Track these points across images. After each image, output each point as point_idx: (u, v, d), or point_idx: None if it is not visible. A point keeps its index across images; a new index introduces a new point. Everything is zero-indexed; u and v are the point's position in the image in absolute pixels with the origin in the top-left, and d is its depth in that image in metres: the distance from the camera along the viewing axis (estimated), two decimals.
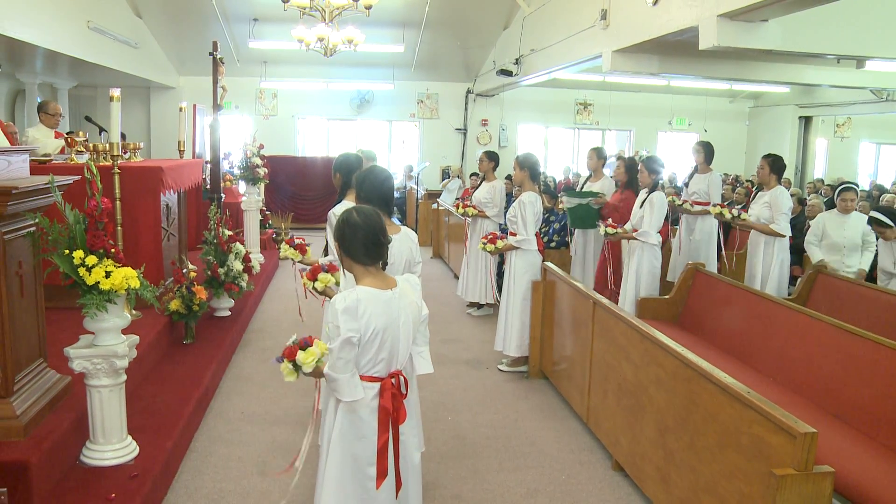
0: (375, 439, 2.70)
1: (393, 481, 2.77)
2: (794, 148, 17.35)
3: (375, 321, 2.62)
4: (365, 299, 2.61)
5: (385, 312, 2.65)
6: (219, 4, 12.75)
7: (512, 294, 6.03)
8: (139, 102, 16.13)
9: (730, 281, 5.74)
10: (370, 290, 2.65)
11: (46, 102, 7.64)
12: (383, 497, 2.75)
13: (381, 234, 2.72)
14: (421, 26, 13.79)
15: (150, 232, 5.79)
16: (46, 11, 9.16)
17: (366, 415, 2.70)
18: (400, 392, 2.75)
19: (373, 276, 2.72)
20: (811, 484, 2.70)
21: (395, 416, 2.72)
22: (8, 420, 3.38)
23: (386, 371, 2.73)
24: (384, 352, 2.69)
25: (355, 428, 2.71)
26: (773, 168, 6.50)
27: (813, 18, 7.25)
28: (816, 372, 4.40)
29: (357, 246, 2.69)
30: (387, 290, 2.69)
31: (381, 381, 2.72)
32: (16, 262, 3.45)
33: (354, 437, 2.72)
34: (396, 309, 2.70)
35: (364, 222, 2.70)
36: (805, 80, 11.26)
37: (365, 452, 2.72)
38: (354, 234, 2.69)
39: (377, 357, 2.68)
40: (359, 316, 2.59)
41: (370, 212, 2.76)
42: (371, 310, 2.61)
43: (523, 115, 17.48)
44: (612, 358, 4.47)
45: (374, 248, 2.71)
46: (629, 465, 4.17)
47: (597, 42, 9.10)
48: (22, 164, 3.69)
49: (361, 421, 2.70)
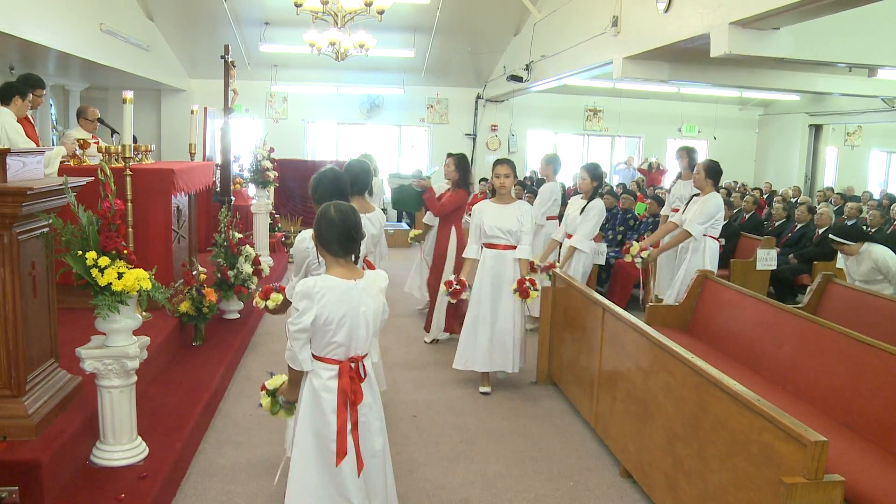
0: (335, 417, 2.90)
1: (355, 460, 2.95)
2: (803, 156, 17.30)
3: (331, 307, 2.83)
4: (323, 287, 2.84)
5: (344, 301, 2.86)
6: (230, 8, 12.81)
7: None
8: (150, 105, 16.19)
9: (739, 289, 5.72)
10: (332, 279, 2.88)
11: (85, 108, 7.66)
12: (346, 471, 2.93)
13: (354, 230, 2.94)
14: (432, 31, 13.82)
15: (160, 234, 5.81)
16: (59, 14, 9.22)
17: (326, 395, 2.91)
18: (358, 375, 2.95)
19: (342, 266, 2.95)
20: (821, 493, 2.70)
21: (352, 398, 2.92)
22: (20, 419, 3.40)
23: (345, 356, 2.93)
24: (341, 337, 2.88)
25: (318, 407, 2.92)
26: (709, 174, 6.43)
27: (825, 27, 7.23)
28: (826, 381, 4.38)
29: (332, 239, 2.92)
30: (349, 281, 2.90)
31: (340, 365, 2.92)
32: (29, 263, 3.48)
33: (317, 415, 2.92)
34: (357, 299, 2.90)
35: (340, 218, 2.92)
36: (816, 89, 11.22)
37: (327, 430, 2.91)
38: (330, 228, 2.92)
39: (335, 342, 2.89)
40: (315, 301, 2.81)
41: (347, 209, 2.98)
42: (329, 297, 2.83)
43: (533, 120, 17.47)
44: (620, 364, 4.47)
45: (347, 242, 2.93)
46: (637, 471, 4.16)
47: (607, 49, 9.10)
48: (36, 166, 3.72)
49: (323, 400, 2.91)
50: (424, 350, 6.83)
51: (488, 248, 5.59)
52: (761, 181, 16.91)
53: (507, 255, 5.54)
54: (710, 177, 6.41)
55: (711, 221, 6.40)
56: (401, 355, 6.63)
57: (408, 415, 5.24)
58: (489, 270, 5.56)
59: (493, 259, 5.56)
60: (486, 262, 5.59)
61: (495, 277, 5.54)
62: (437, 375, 6.06)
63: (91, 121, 7.44)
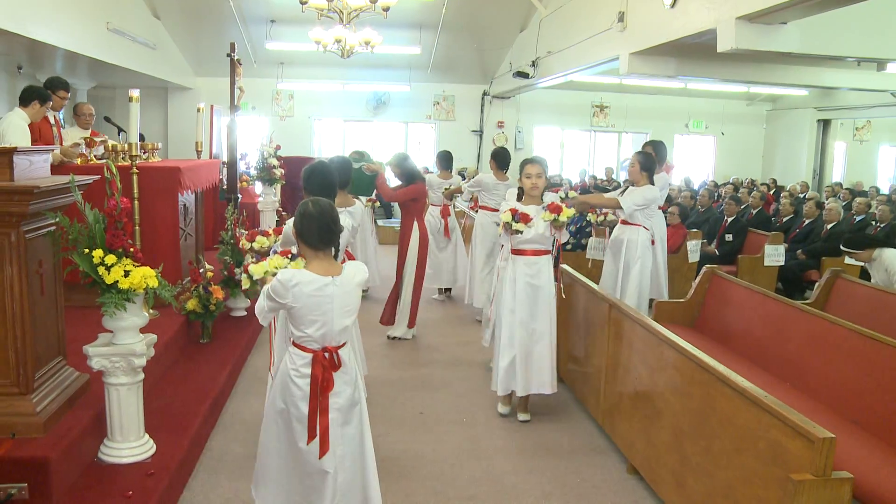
0: (306, 402, 3.05)
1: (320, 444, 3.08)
2: (812, 152, 17.21)
3: (305, 301, 2.97)
4: (300, 281, 2.96)
5: (317, 297, 2.99)
6: (236, 6, 12.82)
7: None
8: (157, 103, 16.22)
9: (747, 285, 5.70)
10: (309, 275, 2.99)
11: (78, 105, 7.70)
12: (310, 449, 3.06)
13: (332, 224, 3.07)
14: (438, 28, 13.80)
15: (167, 232, 5.82)
16: (66, 13, 9.24)
17: (299, 379, 3.05)
18: (332, 364, 3.07)
19: (320, 260, 3.07)
20: (829, 490, 2.69)
21: (323, 385, 3.04)
22: (28, 416, 3.42)
23: (319, 345, 3.06)
24: (313, 330, 3.02)
25: (289, 390, 3.07)
26: (644, 166, 6.15)
27: (832, 21, 7.18)
28: (835, 377, 4.36)
29: (312, 233, 3.04)
30: (326, 277, 3.01)
31: (314, 354, 3.05)
32: (36, 261, 3.49)
33: (288, 397, 3.08)
34: (331, 295, 3.01)
35: (318, 213, 3.05)
36: (824, 83, 11.15)
37: (296, 412, 3.06)
38: (310, 222, 3.04)
39: (308, 334, 3.03)
40: (289, 290, 2.94)
41: (325, 204, 3.11)
42: (303, 290, 2.96)
43: (539, 117, 17.44)
44: (627, 361, 4.46)
45: (326, 235, 3.06)
46: (644, 468, 4.15)
47: (614, 44, 9.07)
48: (43, 164, 3.73)
49: (295, 385, 3.06)
50: (430, 347, 6.82)
51: (519, 254, 5.00)
52: (769, 177, 16.85)
53: (541, 262, 5.00)
54: (644, 169, 6.15)
55: (642, 207, 6.11)
56: (407, 353, 6.63)
57: (414, 412, 5.24)
58: (522, 279, 4.98)
59: (525, 266, 4.99)
60: (518, 270, 4.99)
61: (530, 288, 4.97)
62: (444, 373, 6.06)
63: (83, 116, 7.38)
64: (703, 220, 10.12)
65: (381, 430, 4.90)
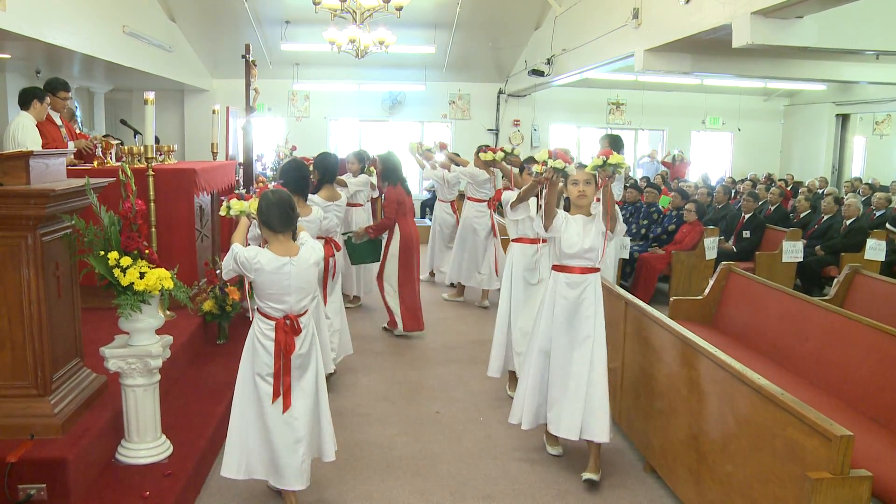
0: (272, 362, 3.50)
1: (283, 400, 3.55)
2: (830, 147, 17.03)
3: (263, 278, 3.44)
4: (261, 261, 3.41)
5: (277, 273, 3.43)
6: (251, 8, 12.87)
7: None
8: (174, 105, 16.32)
9: (764, 281, 5.66)
10: (270, 254, 3.43)
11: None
12: (276, 405, 3.52)
13: (289, 210, 3.49)
14: (452, 27, 13.79)
15: (184, 233, 5.85)
16: (83, 17, 9.32)
17: (265, 342, 3.51)
18: (293, 330, 3.50)
19: (280, 242, 3.49)
20: (848, 488, 2.66)
21: (285, 349, 3.49)
22: (46, 418, 3.45)
23: (282, 314, 3.50)
24: (274, 300, 3.48)
25: (256, 352, 3.54)
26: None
27: (850, 14, 7.10)
28: (854, 374, 4.32)
29: (272, 217, 3.45)
30: (284, 257, 3.45)
31: (276, 321, 3.49)
32: (53, 264, 3.52)
33: (255, 358, 3.55)
34: (288, 273, 3.45)
35: (277, 201, 3.48)
36: (842, 77, 11.03)
37: (262, 371, 3.53)
38: (270, 210, 3.46)
39: (269, 304, 3.49)
40: (251, 267, 3.41)
41: (283, 193, 3.56)
42: (264, 268, 3.41)
43: (555, 115, 17.37)
44: (644, 359, 4.43)
45: (285, 219, 3.47)
46: (661, 466, 4.13)
47: (629, 41, 9.02)
48: (59, 167, 3.77)
49: (262, 347, 3.52)
50: (447, 346, 6.82)
51: (562, 271, 4.25)
52: (787, 173, 16.71)
53: (588, 280, 4.21)
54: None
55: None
56: (423, 352, 6.63)
57: (431, 411, 5.24)
58: (562, 304, 4.24)
59: (567, 287, 4.22)
60: (558, 289, 4.25)
61: (569, 311, 4.22)
62: (461, 371, 6.05)
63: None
64: (721, 216, 10.05)
65: (397, 429, 4.91)
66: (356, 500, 3.97)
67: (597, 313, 4.21)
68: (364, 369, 6.09)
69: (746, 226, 9.41)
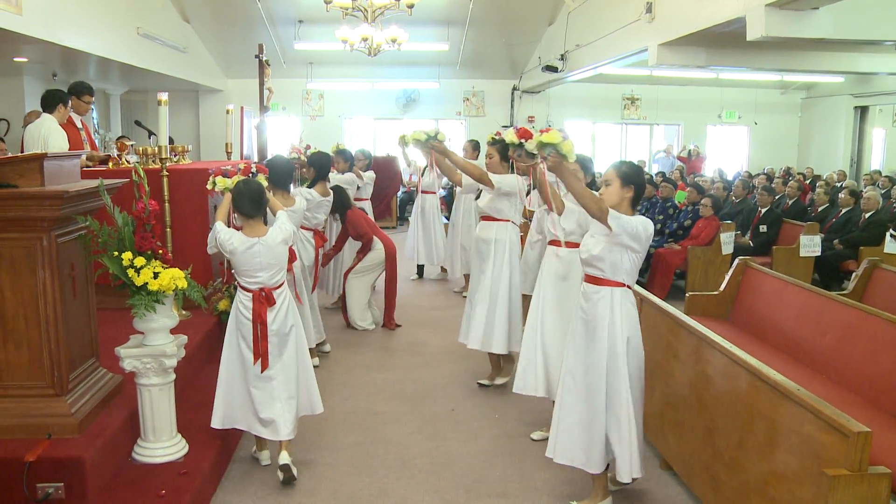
0: (251, 328, 3.95)
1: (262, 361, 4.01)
2: (849, 139, 16.88)
3: (237, 258, 3.90)
4: (234, 242, 3.87)
5: (248, 252, 3.89)
6: (264, 8, 12.92)
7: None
8: (188, 106, 16.43)
9: (782, 276, 5.61)
10: (242, 236, 3.90)
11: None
12: (257, 366, 3.98)
13: (259, 197, 3.95)
14: (465, 24, 13.78)
15: (198, 233, 5.87)
16: (98, 20, 9.39)
17: (245, 311, 3.97)
18: (267, 301, 3.96)
19: (250, 226, 3.93)
20: (866, 485, 2.63)
21: (261, 317, 3.94)
22: (63, 417, 3.47)
23: (258, 287, 3.95)
24: (247, 277, 3.94)
25: (239, 320, 4.00)
26: (503, 156, 5.30)
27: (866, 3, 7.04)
28: (873, 370, 4.27)
29: (244, 203, 3.90)
30: (254, 238, 3.90)
31: (253, 293, 3.94)
32: (68, 264, 3.54)
33: (238, 325, 4.01)
34: (258, 252, 3.90)
35: (248, 190, 3.93)
36: (860, 69, 10.93)
37: (245, 334, 3.99)
38: (241, 196, 3.91)
39: (245, 279, 3.95)
40: (226, 248, 3.88)
41: (254, 182, 4.02)
42: (237, 249, 3.87)
43: (570, 111, 17.33)
44: (659, 355, 4.40)
45: (255, 205, 3.93)
46: (677, 463, 4.10)
47: (642, 36, 8.99)
48: (73, 168, 3.79)
49: (243, 315, 3.97)
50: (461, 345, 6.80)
51: (587, 282, 3.71)
52: (805, 166, 16.57)
53: (601, 294, 3.64)
54: (504, 160, 5.31)
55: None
56: (438, 351, 6.62)
57: (446, 409, 5.23)
58: (578, 314, 3.76)
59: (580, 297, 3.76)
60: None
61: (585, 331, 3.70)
62: (476, 369, 6.04)
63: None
64: (737, 211, 9.97)
65: (412, 427, 4.91)
66: (371, 498, 3.98)
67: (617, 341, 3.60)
68: (378, 367, 6.09)
69: (763, 220, 9.33)
